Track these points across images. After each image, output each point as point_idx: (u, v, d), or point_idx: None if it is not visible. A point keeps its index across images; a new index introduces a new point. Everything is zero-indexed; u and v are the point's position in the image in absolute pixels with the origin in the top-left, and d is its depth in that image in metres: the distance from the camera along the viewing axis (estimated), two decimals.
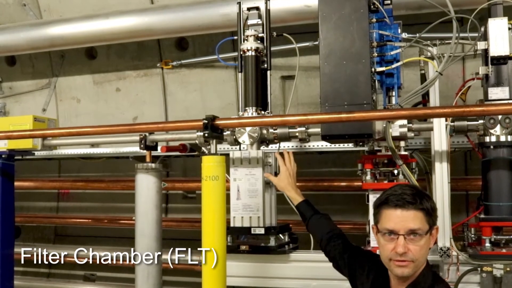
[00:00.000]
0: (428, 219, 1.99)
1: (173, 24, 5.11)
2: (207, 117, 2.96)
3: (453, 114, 2.94)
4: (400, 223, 1.97)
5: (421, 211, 1.97)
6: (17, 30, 5.68)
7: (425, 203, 1.98)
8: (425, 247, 2.00)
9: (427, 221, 1.98)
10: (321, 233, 2.72)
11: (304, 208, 2.86)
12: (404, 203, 1.97)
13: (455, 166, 3.69)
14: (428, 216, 1.99)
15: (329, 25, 3.18)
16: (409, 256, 1.97)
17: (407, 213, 1.97)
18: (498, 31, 3.10)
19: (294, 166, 3.05)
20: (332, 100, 3.13)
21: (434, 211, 2.03)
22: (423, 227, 1.97)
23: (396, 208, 1.98)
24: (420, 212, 1.97)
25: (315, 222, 2.80)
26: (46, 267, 6.63)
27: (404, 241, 1.96)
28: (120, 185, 5.92)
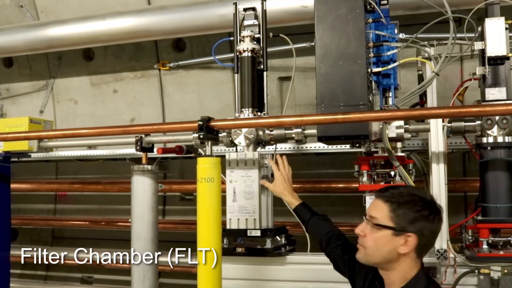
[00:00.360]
0: (394, 217, 1.99)
1: (170, 25, 5.10)
2: (202, 119, 2.93)
3: (449, 115, 2.92)
4: (369, 208, 2.09)
5: (388, 205, 2.01)
6: (14, 31, 5.67)
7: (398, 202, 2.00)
8: (382, 243, 2.01)
9: (391, 218, 1.99)
10: (320, 234, 2.72)
11: (302, 211, 2.85)
12: (380, 192, 2.08)
13: (453, 167, 3.67)
14: (394, 214, 1.99)
15: (325, 25, 3.15)
16: (362, 240, 2.06)
17: (376, 202, 2.06)
18: (495, 31, 3.07)
19: (289, 170, 3.02)
20: (328, 101, 3.11)
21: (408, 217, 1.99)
22: (381, 219, 2.00)
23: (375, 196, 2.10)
24: (386, 205, 2.01)
25: (314, 224, 2.79)
26: (43, 270, 6.61)
27: (364, 225, 2.06)
28: (117, 187, 5.91)
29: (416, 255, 2.03)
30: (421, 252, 2.04)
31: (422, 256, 2.06)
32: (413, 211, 1.98)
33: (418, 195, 2.04)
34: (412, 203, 2.00)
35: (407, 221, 1.98)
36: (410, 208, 1.99)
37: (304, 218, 2.82)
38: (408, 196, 2.02)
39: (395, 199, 2.01)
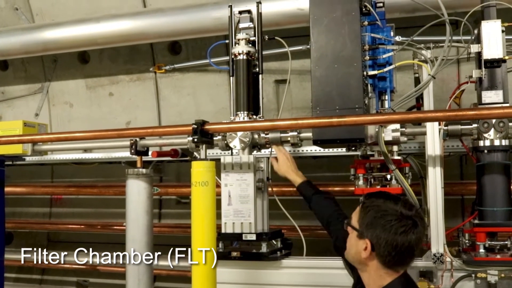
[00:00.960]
0: (360, 220, 2.04)
1: (166, 27, 5.07)
2: (197, 122, 2.92)
3: (445, 118, 2.89)
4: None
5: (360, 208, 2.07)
6: (9, 34, 5.64)
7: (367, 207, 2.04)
8: (351, 244, 2.09)
9: (357, 219, 2.05)
10: (322, 213, 2.83)
11: (305, 189, 2.98)
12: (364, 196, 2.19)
13: (450, 171, 3.65)
14: (360, 217, 2.04)
15: (320, 28, 3.12)
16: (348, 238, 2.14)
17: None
18: (491, 34, 3.06)
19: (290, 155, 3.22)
20: (324, 104, 3.08)
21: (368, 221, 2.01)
22: (353, 220, 2.09)
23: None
24: (359, 208, 2.08)
25: (317, 202, 2.91)
26: (38, 274, 6.59)
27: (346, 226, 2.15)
28: (112, 191, 5.89)
29: (382, 264, 2.00)
30: (389, 263, 1.99)
31: (393, 267, 2.01)
32: (373, 217, 1.99)
33: (388, 205, 2.01)
34: (376, 209, 2.01)
35: (366, 225, 2.00)
36: (372, 214, 2.00)
37: (307, 196, 2.94)
38: (378, 203, 2.03)
39: (366, 204, 2.05)
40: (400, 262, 2.01)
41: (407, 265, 2.03)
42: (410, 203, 2.07)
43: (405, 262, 2.02)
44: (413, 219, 1.97)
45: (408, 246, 1.96)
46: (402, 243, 1.95)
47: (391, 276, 2.01)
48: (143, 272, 3.64)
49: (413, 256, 2.02)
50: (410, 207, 2.01)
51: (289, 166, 3.15)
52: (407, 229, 1.95)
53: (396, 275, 2.01)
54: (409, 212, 1.98)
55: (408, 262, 2.03)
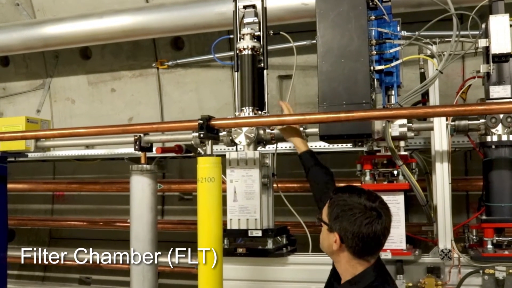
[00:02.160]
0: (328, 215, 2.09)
1: (169, 23, 5.05)
2: (203, 117, 2.89)
3: (454, 113, 2.87)
4: None
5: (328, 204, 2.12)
6: (11, 30, 5.61)
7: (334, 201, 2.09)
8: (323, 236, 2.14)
9: (326, 213, 2.11)
10: (317, 186, 2.87)
11: (306, 158, 3.00)
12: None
13: (455, 166, 3.63)
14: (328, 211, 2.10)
15: (326, 22, 3.10)
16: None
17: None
18: (499, 28, 3.03)
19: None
20: (330, 100, 3.06)
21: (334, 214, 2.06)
22: (323, 213, 2.14)
23: None
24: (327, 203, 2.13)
25: (314, 174, 2.94)
26: (41, 271, 6.57)
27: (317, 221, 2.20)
28: (115, 187, 5.86)
29: (352, 255, 2.06)
30: (359, 254, 2.05)
31: (364, 257, 2.06)
32: (338, 211, 2.05)
33: (352, 198, 2.07)
34: (342, 203, 2.07)
35: (333, 219, 2.06)
36: (338, 208, 2.06)
37: (307, 165, 2.96)
38: (343, 197, 2.08)
39: (333, 198, 2.10)
40: (369, 252, 2.06)
41: (376, 254, 2.10)
42: (375, 194, 2.11)
43: (374, 252, 2.08)
44: (377, 210, 2.02)
45: (374, 237, 2.01)
46: (368, 234, 2.00)
47: (362, 266, 2.07)
48: (148, 269, 3.61)
49: (380, 246, 2.08)
50: (374, 199, 2.06)
51: (297, 132, 3.14)
52: (372, 220, 2.00)
53: (368, 264, 2.07)
54: (373, 204, 2.03)
55: (376, 251, 2.09)
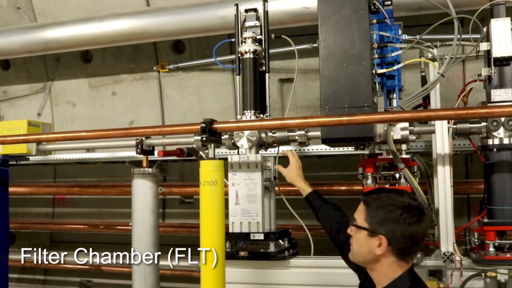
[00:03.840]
0: (368, 218, 2.04)
1: (170, 26, 5.05)
2: (205, 121, 2.90)
3: (456, 116, 2.87)
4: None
5: (365, 206, 2.07)
6: (12, 33, 5.61)
7: (374, 204, 2.04)
8: (360, 244, 2.07)
9: (365, 219, 2.04)
10: (330, 223, 2.81)
11: (314, 199, 2.97)
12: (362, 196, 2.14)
13: (456, 169, 3.63)
14: (369, 215, 2.04)
15: (328, 26, 3.12)
16: (351, 240, 2.13)
17: (360, 204, 2.12)
18: (501, 32, 3.04)
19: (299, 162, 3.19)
20: (332, 103, 3.07)
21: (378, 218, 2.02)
22: (358, 220, 2.07)
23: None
24: (363, 206, 2.07)
25: (325, 213, 2.89)
26: (41, 274, 6.56)
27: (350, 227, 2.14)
28: (116, 190, 5.86)
29: (396, 257, 2.04)
30: (403, 255, 2.04)
31: (405, 259, 2.06)
32: (383, 213, 2.02)
33: (395, 198, 2.06)
34: (384, 205, 2.03)
35: (377, 222, 2.02)
36: (382, 210, 2.02)
37: (315, 206, 2.94)
38: (383, 198, 2.06)
39: (371, 201, 2.06)
40: (412, 253, 2.07)
41: (416, 254, 2.15)
42: (411, 193, 2.16)
43: (416, 252, 2.10)
44: (420, 208, 2.04)
45: (422, 235, 2.03)
46: (416, 232, 2.01)
47: (402, 268, 2.05)
48: (149, 272, 3.62)
49: (422, 245, 2.09)
50: (414, 198, 2.09)
51: (300, 174, 3.13)
52: (418, 219, 2.01)
53: (407, 266, 2.06)
54: (415, 202, 2.05)
55: (418, 251, 2.13)
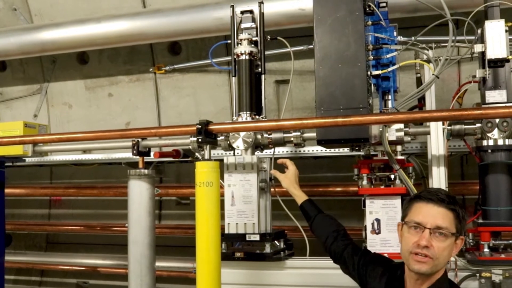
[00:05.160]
0: (457, 223, 2.02)
1: (166, 28, 5.06)
2: (201, 122, 2.90)
3: (451, 117, 2.89)
4: (429, 217, 2.01)
5: (452, 212, 2.01)
6: (8, 34, 5.61)
7: (457, 207, 2.03)
8: (448, 250, 2.02)
9: (455, 224, 2.02)
10: (327, 231, 2.76)
11: (309, 207, 2.93)
12: (438, 199, 2.02)
13: (451, 171, 3.65)
14: (457, 220, 2.02)
15: (324, 28, 3.13)
16: (431, 251, 1.98)
17: (438, 209, 2.01)
18: (495, 34, 3.06)
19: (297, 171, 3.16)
20: (328, 104, 3.08)
21: (464, 221, 2.06)
22: (450, 228, 2.00)
23: (428, 202, 2.03)
24: (451, 212, 2.01)
25: (321, 221, 2.85)
26: (38, 275, 6.55)
27: (429, 235, 1.98)
28: (112, 192, 5.86)
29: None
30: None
31: None
32: (463, 211, 2.05)
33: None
34: (462, 206, 2.06)
35: (464, 224, 2.05)
36: (463, 212, 2.05)
37: (310, 214, 2.89)
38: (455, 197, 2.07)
39: (456, 207, 2.03)
40: None
41: None
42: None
43: None
44: None
45: None
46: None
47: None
48: (146, 273, 3.63)
49: None
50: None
51: (296, 181, 3.10)
52: None
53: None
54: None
55: None
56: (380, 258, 2.46)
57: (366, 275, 2.35)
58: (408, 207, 2.11)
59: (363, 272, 2.39)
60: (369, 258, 2.46)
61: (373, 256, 2.50)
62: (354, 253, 2.52)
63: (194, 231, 2.85)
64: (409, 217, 2.07)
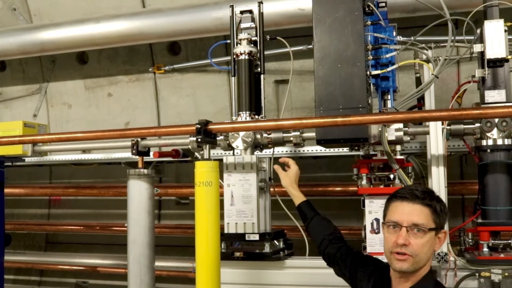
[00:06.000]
0: (435, 218, 2.01)
1: (165, 28, 5.06)
2: (200, 122, 2.90)
3: (450, 117, 2.90)
4: (404, 215, 2.01)
5: (428, 207, 2.01)
6: (7, 34, 5.61)
7: (434, 202, 2.02)
8: (428, 246, 2.02)
9: (433, 219, 2.01)
10: (323, 234, 2.75)
11: (306, 208, 2.91)
12: (412, 196, 2.02)
13: (450, 170, 3.66)
14: (435, 215, 2.01)
15: (323, 27, 3.13)
16: (409, 249, 1.99)
17: (413, 206, 2.01)
18: (494, 33, 3.06)
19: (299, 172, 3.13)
20: (327, 104, 3.09)
21: (444, 214, 2.05)
22: (427, 223, 2.00)
23: (403, 201, 2.04)
24: (427, 208, 2.01)
25: (317, 223, 2.83)
26: (37, 275, 6.55)
27: (406, 233, 1.99)
28: (112, 191, 5.86)
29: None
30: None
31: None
32: (445, 209, 2.06)
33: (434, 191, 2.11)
34: (441, 201, 2.07)
35: (444, 218, 2.05)
36: (443, 206, 2.05)
37: (307, 216, 2.87)
38: (437, 196, 2.08)
39: (432, 202, 2.03)
40: None
41: None
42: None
43: None
44: None
45: None
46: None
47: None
48: (145, 272, 3.63)
49: None
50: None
51: (296, 181, 3.06)
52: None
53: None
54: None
55: None
56: (370, 260, 2.46)
57: (357, 276, 2.36)
58: (386, 207, 2.12)
59: (354, 273, 2.40)
60: (360, 259, 2.47)
61: (364, 258, 2.51)
62: (347, 254, 2.53)
63: (193, 230, 2.85)
64: (387, 217, 2.08)
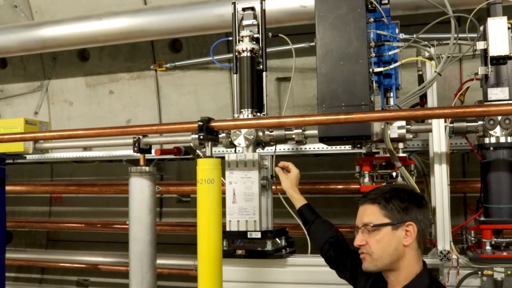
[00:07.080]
0: (386, 213, 2.04)
1: (167, 25, 5.05)
2: (202, 119, 2.89)
3: (453, 115, 2.88)
4: (357, 218, 2.12)
5: (376, 205, 2.05)
6: (8, 31, 5.61)
7: (381, 198, 2.05)
8: (386, 242, 2.04)
9: (384, 215, 2.04)
10: (325, 237, 2.74)
11: (307, 212, 2.89)
12: (363, 198, 2.12)
13: (453, 168, 3.65)
14: (384, 210, 2.04)
15: (326, 24, 3.12)
16: (366, 248, 2.07)
17: (362, 208, 2.11)
18: (497, 31, 3.05)
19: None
20: (330, 101, 3.08)
21: (400, 208, 2.04)
22: (374, 220, 2.04)
23: (359, 205, 2.13)
24: (374, 205, 2.06)
25: (319, 226, 2.82)
26: (38, 273, 6.56)
27: (361, 234, 2.08)
28: (113, 189, 5.85)
29: (418, 245, 2.07)
30: (420, 239, 2.08)
31: (421, 245, 2.09)
32: (402, 201, 2.05)
33: (399, 187, 2.17)
34: (397, 195, 2.07)
35: (400, 212, 2.04)
36: (398, 199, 2.05)
37: (309, 219, 2.85)
38: (392, 191, 2.10)
39: (380, 197, 2.06)
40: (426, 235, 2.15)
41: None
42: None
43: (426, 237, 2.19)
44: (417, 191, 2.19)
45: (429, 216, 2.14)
46: (429, 213, 2.10)
47: (420, 261, 2.09)
48: (146, 270, 3.62)
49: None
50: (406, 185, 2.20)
51: (297, 184, 3.03)
52: (425, 200, 2.13)
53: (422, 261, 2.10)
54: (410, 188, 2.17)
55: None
56: None
57: (357, 276, 2.36)
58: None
59: (354, 274, 2.40)
60: (359, 260, 2.47)
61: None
62: (347, 256, 2.53)
63: (195, 228, 2.84)
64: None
